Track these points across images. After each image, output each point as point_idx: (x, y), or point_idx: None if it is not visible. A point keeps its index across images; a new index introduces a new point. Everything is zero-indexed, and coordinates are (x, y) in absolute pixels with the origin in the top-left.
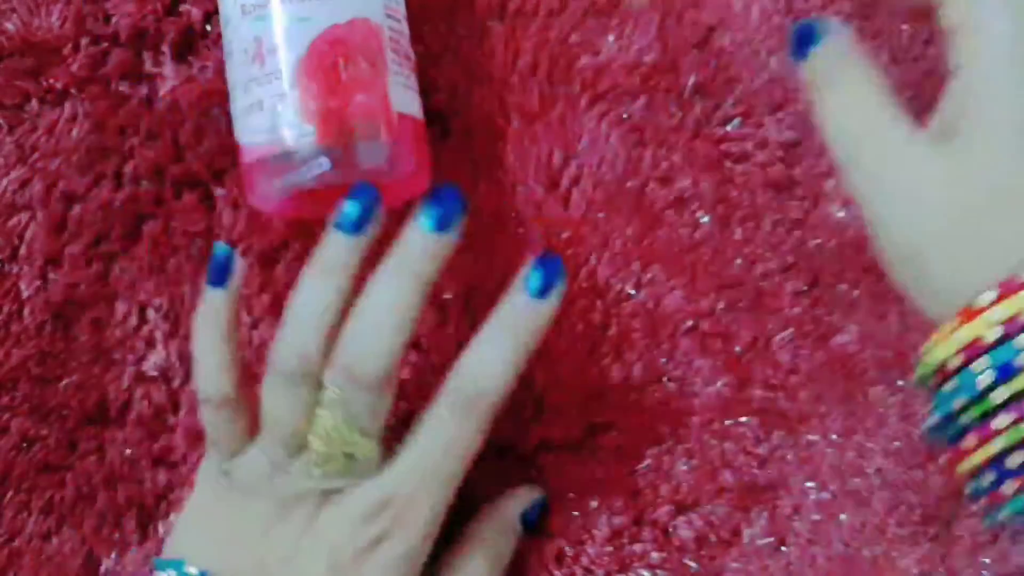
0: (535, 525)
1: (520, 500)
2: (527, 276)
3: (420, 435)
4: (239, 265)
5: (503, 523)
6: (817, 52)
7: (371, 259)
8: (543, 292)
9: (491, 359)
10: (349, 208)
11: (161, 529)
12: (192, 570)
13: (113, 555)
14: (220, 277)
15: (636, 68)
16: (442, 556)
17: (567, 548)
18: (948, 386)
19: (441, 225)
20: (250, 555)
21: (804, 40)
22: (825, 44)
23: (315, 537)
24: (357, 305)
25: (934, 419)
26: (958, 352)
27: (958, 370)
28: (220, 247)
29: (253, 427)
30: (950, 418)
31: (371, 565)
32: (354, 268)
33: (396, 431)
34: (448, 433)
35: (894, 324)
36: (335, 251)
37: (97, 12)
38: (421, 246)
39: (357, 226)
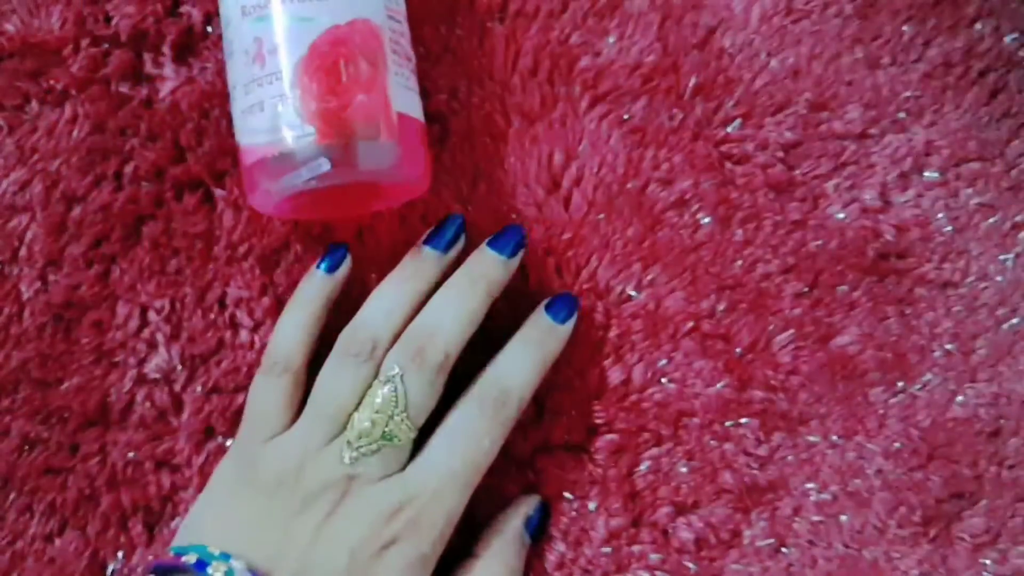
0: (539, 532)
1: (523, 510)
2: (552, 306)
3: (447, 430)
4: (349, 260)
5: (512, 537)
6: None
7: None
8: (564, 320)
9: (519, 365)
10: (442, 231)
11: (168, 531)
12: (215, 551)
13: (119, 557)
14: (333, 265)
15: (637, 69)
16: (460, 572)
17: (565, 550)
18: None
19: (512, 252)
20: (270, 543)
21: None
22: None
23: (335, 529)
24: (432, 300)
25: None
26: None
27: None
28: (337, 244)
29: (296, 416)
30: None
31: (384, 566)
32: (433, 279)
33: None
34: (475, 431)
35: (894, 325)
36: (422, 262)
37: (97, 13)
38: (492, 263)
39: (447, 246)
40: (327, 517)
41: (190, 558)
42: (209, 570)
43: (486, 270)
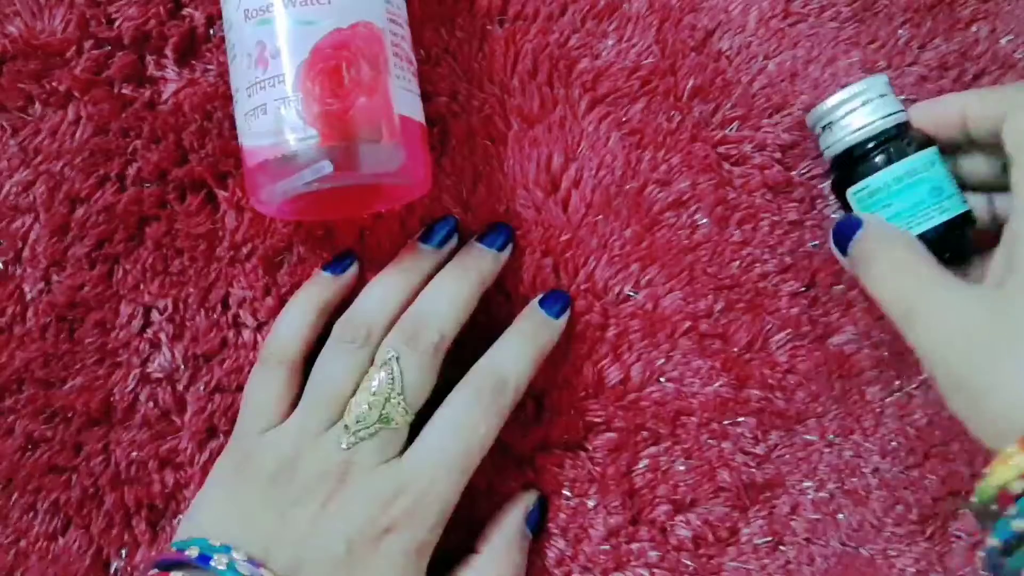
0: (539, 526)
1: (523, 505)
2: (545, 301)
3: (443, 418)
4: (355, 267)
5: (514, 532)
6: (859, 237)
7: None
8: (558, 314)
9: (514, 354)
10: (436, 228)
11: (171, 529)
12: (216, 543)
13: (123, 554)
14: (338, 267)
15: (635, 72)
16: (459, 572)
17: (565, 547)
18: (1010, 511)
19: (501, 246)
20: (268, 533)
21: (845, 233)
22: (864, 230)
23: (332, 517)
24: (425, 289)
25: (994, 543)
26: (1020, 477)
27: (1020, 495)
28: (346, 252)
29: (292, 409)
30: (1011, 543)
31: (382, 553)
32: (427, 273)
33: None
34: (470, 418)
35: (890, 324)
36: (416, 256)
37: (100, 15)
38: (483, 255)
39: (441, 242)
40: (324, 505)
41: (192, 551)
42: (212, 563)
43: (477, 262)
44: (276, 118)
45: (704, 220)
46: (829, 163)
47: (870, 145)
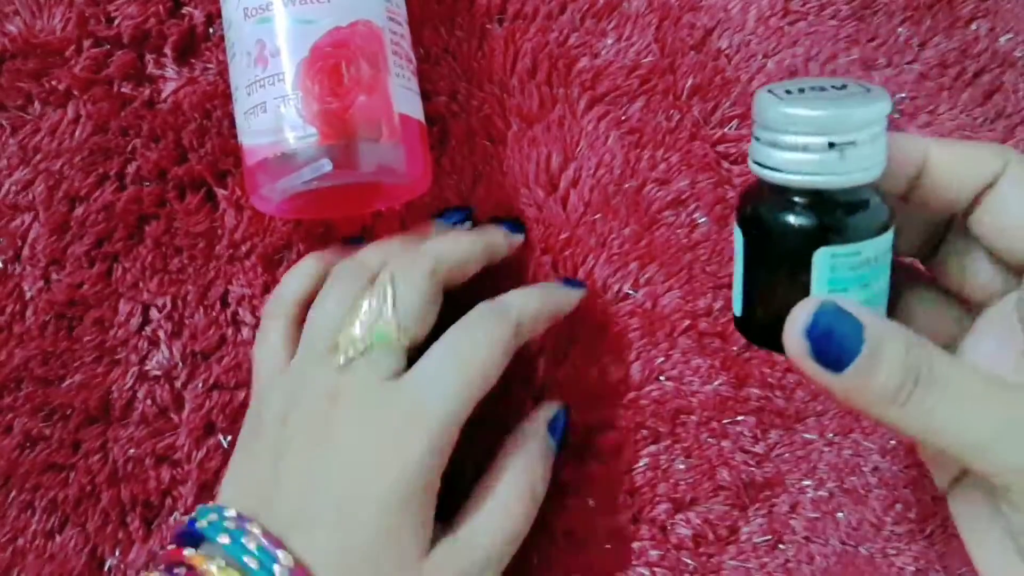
0: (563, 439)
1: (543, 415)
2: (565, 279)
3: (441, 343)
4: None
5: (536, 444)
6: (874, 355)
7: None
8: (575, 288)
9: (522, 296)
10: (453, 211)
11: (167, 527)
12: (231, 512)
13: (117, 552)
14: (350, 241)
15: (634, 70)
16: (481, 481)
17: (567, 546)
18: None
19: (512, 229)
20: (264, 483)
21: (838, 339)
22: (885, 343)
23: (327, 444)
24: (432, 235)
25: None
26: None
27: None
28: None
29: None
30: None
31: (378, 484)
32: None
33: None
34: (470, 342)
35: None
36: (424, 228)
37: (99, 14)
38: (495, 230)
39: (454, 224)
40: (321, 429)
41: (183, 520)
42: (197, 525)
43: (487, 232)
44: (276, 116)
45: (703, 219)
46: (777, 189)
47: (877, 192)
